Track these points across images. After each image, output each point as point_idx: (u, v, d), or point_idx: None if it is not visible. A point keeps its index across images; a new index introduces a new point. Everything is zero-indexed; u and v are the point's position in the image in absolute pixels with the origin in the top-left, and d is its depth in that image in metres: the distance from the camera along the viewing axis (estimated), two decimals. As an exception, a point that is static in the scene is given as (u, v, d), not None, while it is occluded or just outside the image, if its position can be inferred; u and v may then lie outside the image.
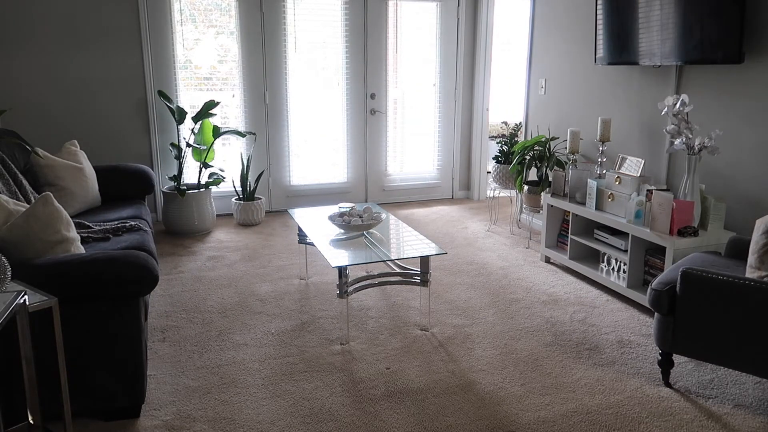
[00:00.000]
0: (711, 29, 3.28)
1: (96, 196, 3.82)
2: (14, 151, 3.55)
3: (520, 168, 4.69)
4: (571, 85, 4.65)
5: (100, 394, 2.32)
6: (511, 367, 2.82)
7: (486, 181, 6.29)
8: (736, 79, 3.34)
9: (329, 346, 3.01)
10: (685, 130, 3.32)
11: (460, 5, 5.89)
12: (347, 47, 5.62)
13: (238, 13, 5.21)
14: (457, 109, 6.13)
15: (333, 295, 3.65)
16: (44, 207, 2.39)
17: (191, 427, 2.35)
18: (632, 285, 3.53)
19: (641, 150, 4.04)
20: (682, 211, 3.22)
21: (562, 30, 4.69)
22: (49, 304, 1.98)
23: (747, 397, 2.58)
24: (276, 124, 5.53)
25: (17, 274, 2.14)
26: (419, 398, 2.55)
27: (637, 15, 3.75)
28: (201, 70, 5.26)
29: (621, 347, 3.01)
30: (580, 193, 3.98)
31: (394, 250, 3.17)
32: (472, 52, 6.04)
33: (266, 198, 5.61)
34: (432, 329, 3.21)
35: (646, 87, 3.96)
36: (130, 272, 2.23)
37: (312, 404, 2.51)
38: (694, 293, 2.45)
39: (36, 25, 4.70)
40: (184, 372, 2.76)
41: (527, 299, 3.62)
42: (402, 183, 6.15)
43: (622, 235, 3.64)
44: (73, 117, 4.92)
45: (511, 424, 2.38)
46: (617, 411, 2.47)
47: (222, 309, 3.45)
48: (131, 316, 2.29)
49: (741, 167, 3.36)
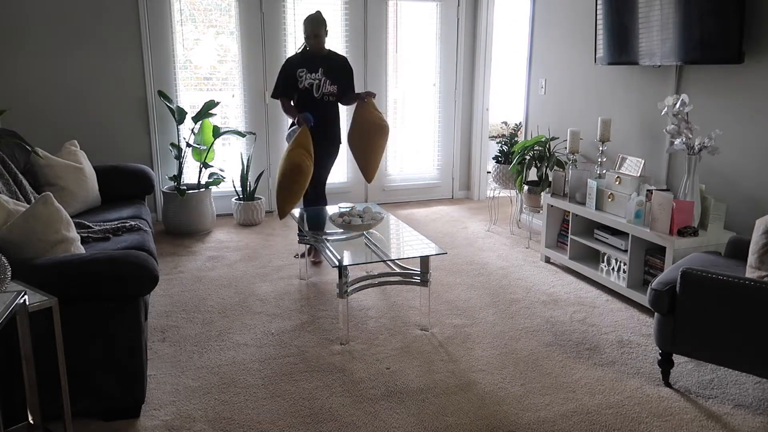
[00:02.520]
0: (711, 29, 3.28)
1: (96, 196, 3.82)
2: (14, 151, 3.55)
3: (520, 168, 4.69)
4: (571, 85, 4.65)
5: (100, 394, 2.32)
6: (511, 367, 2.82)
7: (486, 181, 6.28)
8: (736, 79, 3.34)
9: (329, 346, 3.01)
10: (685, 130, 3.32)
11: (460, 5, 5.89)
12: (347, 47, 5.62)
13: (238, 13, 5.21)
14: (457, 109, 6.13)
15: (333, 295, 3.65)
16: (44, 207, 2.39)
17: (191, 427, 2.35)
18: (632, 285, 3.53)
19: (641, 150, 4.04)
20: (682, 211, 3.22)
21: (562, 30, 4.69)
22: (49, 304, 1.98)
23: (747, 397, 2.58)
24: (276, 124, 5.53)
25: (17, 274, 2.14)
26: (419, 398, 2.55)
27: (637, 15, 3.75)
28: (201, 70, 5.26)
29: (621, 347, 3.01)
30: (580, 193, 3.98)
31: (394, 250, 3.17)
32: (472, 52, 6.04)
33: (266, 198, 5.60)
34: (432, 329, 3.21)
35: (646, 87, 3.96)
36: (130, 272, 2.23)
37: (312, 404, 2.51)
38: (694, 293, 2.45)
39: (36, 25, 4.70)
40: (184, 372, 2.76)
41: (527, 299, 3.62)
42: (402, 183, 6.15)
43: (622, 235, 3.64)
44: (73, 117, 4.92)
45: (511, 424, 2.38)
46: (617, 411, 2.47)
47: (222, 309, 3.45)
48: (131, 316, 2.29)
49: (741, 167, 3.36)
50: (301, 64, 4.07)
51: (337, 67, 4.12)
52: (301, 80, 4.04)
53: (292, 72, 4.07)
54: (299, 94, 4.08)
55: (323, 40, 4.05)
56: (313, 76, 4.03)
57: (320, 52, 4.06)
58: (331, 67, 4.09)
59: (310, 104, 4.06)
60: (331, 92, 4.10)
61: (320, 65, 4.06)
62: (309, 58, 4.08)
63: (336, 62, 4.13)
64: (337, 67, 4.12)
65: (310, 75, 4.03)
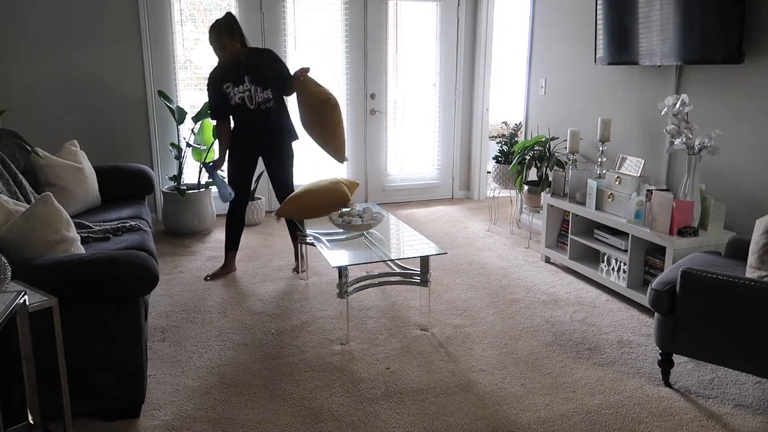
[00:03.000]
0: (711, 29, 3.28)
1: (96, 196, 3.82)
2: (14, 151, 3.55)
3: (520, 168, 4.69)
4: (571, 85, 4.65)
5: (100, 394, 2.32)
6: (511, 367, 2.82)
7: (486, 181, 6.28)
8: (736, 79, 3.34)
9: (329, 346, 3.01)
10: (685, 130, 3.32)
11: (460, 5, 5.89)
12: (347, 47, 5.62)
13: (238, 13, 5.20)
14: (457, 109, 6.13)
15: (333, 295, 3.65)
16: (44, 207, 2.39)
17: (191, 427, 2.35)
18: (632, 285, 3.53)
19: (641, 150, 4.04)
20: (682, 211, 3.22)
21: (562, 30, 4.69)
22: (49, 304, 1.98)
23: (747, 397, 2.58)
24: (276, 124, 5.52)
25: (17, 274, 2.14)
26: (419, 398, 2.55)
27: (637, 15, 3.75)
28: (201, 70, 5.26)
29: (621, 347, 3.01)
30: (580, 193, 3.98)
31: (394, 250, 3.17)
32: (472, 52, 6.04)
33: (266, 198, 5.60)
34: (432, 329, 3.21)
35: (646, 87, 3.96)
36: (130, 272, 2.23)
37: (312, 404, 2.51)
38: (694, 293, 2.45)
39: (36, 25, 4.70)
40: (184, 372, 2.76)
41: (527, 299, 3.62)
42: (402, 183, 6.15)
43: (622, 235, 3.64)
44: (73, 117, 4.92)
45: (511, 424, 2.38)
46: (617, 411, 2.47)
47: (222, 309, 3.45)
48: (131, 316, 2.29)
49: (741, 167, 3.36)
50: (224, 79, 3.66)
51: (264, 67, 3.69)
52: (231, 97, 3.66)
53: (219, 90, 3.68)
54: (234, 112, 3.74)
55: (234, 47, 3.60)
56: (241, 88, 3.63)
57: (239, 58, 3.64)
58: (256, 70, 3.66)
59: (249, 119, 3.72)
60: (267, 98, 3.69)
61: (245, 73, 3.64)
62: (231, 69, 3.65)
63: (260, 61, 3.69)
64: (264, 67, 3.68)
65: (238, 88, 3.64)
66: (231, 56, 3.60)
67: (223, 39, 3.55)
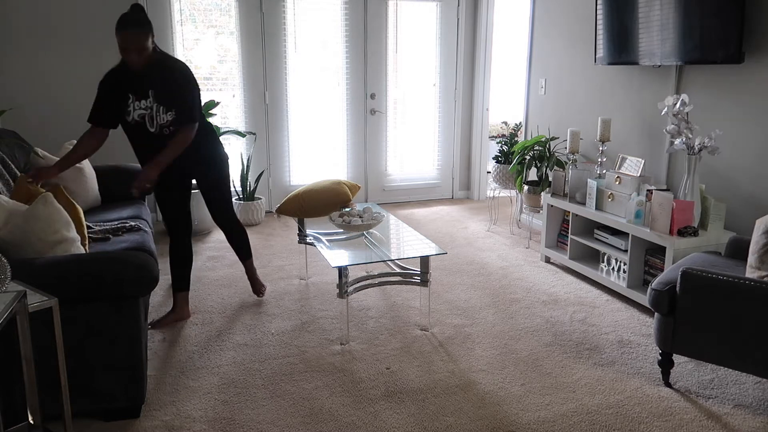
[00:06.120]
0: (711, 29, 3.28)
1: (96, 196, 3.82)
2: (14, 151, 3.55)
3: (520, 168, 4.69)
4: (571, 85, 4.65)
5: (100, 394, 2.32)
6: (511, 367, 2.82)
7: (486, 181, 6.29)
8: (736, 79, 3.34)
9: (329, 346, 3.01)
10: (685, 130, 3.32)
11: (460, 5, 5.89)
12: (347, 47, 5.62)
13: (238, 13, 5.21)
14: (457, 109, 6.13)
15: (333, 295, 3.65)
16: (44, 207, 2.39)
17: (191, 427, 2.35)
18: (632, 285, 3.53)
19: (641, 150, 4.04)
20: (682, 211, 3.22)
21: (562, 30, 4.69)
22: (49, 304, 1.98)
23: (747, 397, 2.58)
24: (276, 124, 5.53)
25: (17, 274, 2.14)
26: (419, 398, 2.55)
27: (637, 15, 3.75)
28: (201, 70, 5.26)
29: (621, 347, 3.01)
30: (580, 193, 3.98)
31: (394, 250, 3.17)
32: (472, 52, 6.04)
33: (266, 198, 5.60)
34: (432, 329, 3.21)
35: (646, 87, 3.96)
36: (129, 272, 2.23)
37: (312, 404, 2.51)
38: (694, 293, 2.45)
39: (36, 25, 4.70)
40: (184, 372, 2.76)
41: (527, 299, 3.62)
42: (402, 183, 6.15)
43: (622, 235, 3.64)
44: (73, 117, 4.92)
45: (511, 424, 2.38)
46: (617, 411, 2.47)
47: (222, 309, 3.45)
48: (131, 317, 2.29)
49: (741, 167, 3.36)
50: (127, 88, 2.93)
51: (169, 84, 2.92)
52: (129, 112, 2.94)
53: (115, 97, 2.95)
54: (130, 131, 3.02)
55: (150, 54, 2.86)
56: (143, 104, 2.91)
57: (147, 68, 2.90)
58: (162, 86, 2.92)
59: (154, 143, 2.97)
60: (168, 122, 2.95)
61: (150, 86, 2.91)
62: (135, 79, 2.92)
63: (167, 76, 2.92)
64: (169, 83, 2.92)
65: (139, 103, 2.91)
66: (143, 64, 2.86)
67: (144, 41, 2.79)
